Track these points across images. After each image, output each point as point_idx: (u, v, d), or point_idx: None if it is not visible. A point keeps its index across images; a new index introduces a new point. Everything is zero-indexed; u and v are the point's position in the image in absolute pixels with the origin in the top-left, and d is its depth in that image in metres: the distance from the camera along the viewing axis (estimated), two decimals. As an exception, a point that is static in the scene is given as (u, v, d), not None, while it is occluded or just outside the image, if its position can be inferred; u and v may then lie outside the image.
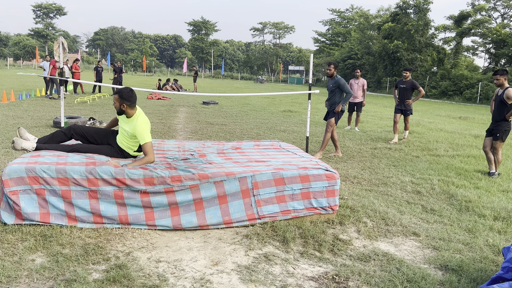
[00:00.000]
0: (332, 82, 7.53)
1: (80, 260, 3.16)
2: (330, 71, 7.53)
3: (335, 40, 69.66)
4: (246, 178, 4.02)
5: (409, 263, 3.44)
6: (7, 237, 3.44)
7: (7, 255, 3.17)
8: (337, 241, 3.83)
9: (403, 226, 4.31)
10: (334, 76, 7.54)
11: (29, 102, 14.75)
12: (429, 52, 39.28)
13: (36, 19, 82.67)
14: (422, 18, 37.93)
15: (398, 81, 10.00)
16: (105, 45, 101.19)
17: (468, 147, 9.52)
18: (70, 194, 3.74)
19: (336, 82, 7.42)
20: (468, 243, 3.94)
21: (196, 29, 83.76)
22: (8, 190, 3.65)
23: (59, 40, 5.90)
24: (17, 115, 11.13)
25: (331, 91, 7.54)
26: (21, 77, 32.04)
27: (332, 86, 7.50)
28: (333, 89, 7.49)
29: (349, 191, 5.49)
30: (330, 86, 7.55)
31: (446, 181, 6.25)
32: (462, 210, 4.98)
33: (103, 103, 16.14)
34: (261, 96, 24.92)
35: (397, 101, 9.93)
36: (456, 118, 17.64)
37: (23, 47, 76.33)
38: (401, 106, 9.83)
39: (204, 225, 3.93)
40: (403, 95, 9.75)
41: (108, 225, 3.81)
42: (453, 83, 36.52)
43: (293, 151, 5.30)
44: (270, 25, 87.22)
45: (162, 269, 3.14)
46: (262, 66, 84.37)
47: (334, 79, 7.49)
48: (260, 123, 12.27)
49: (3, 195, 3.69)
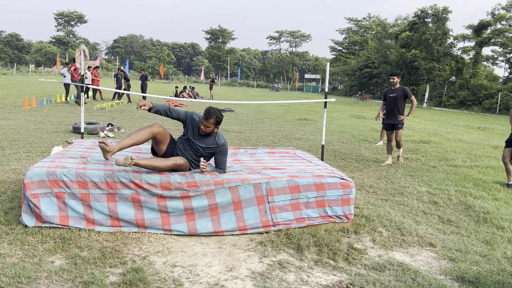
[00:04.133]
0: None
1: (98, 263, 3.22)
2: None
3: (352, 49, 69.48)
4: (261, 184, 4.05)
5: (425, 274, 3.40)
6: (28, 239, 3.53)
7: (28, 256, 3.25)
8: (352, 250, 3.82)
9: (419, 237, 4.27)
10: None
11: (49, 108, 15.08)
12: (448, 62, 38.82)
13: (58, 26, 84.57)
14: (440, 27, 37.53)
15: (386, 90, 8.23)
16: (124, 52, 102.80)
17: (487, 158, 9.38)
18: (89, 197, 3.82)
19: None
20: (486, 255, 3.88)
21: (213, 37, 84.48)
22: (30, 193, 3.75)
23: (81, 48, 6.06)
24: (38, 120, 11.39)
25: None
26: (42, 83, 32.76)
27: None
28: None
29: (365, 200, 5.46)
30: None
31: (463, 192, 6.16)
32: (479, 221, 4.91)
33: (121, 109, 16.39)
34: (277, 104, 24.96)
35: (382, 116, 8.33)
36: (475, 128, 17.38)
37: (44, 54, 78.08)
38: (392, 119, 7.98)
39: (219, 231, 3.96)
40: (394, 106, 7.93)
41: (125, 229, 3.87)
42: (472, 93, 36.02)
43: (308, 159, 5.31)
44: (286, 33, 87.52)
45: (177, 274, 3.17)
46: (278, 74, 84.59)
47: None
48: (276, 131, 12.29)
49: (25, 198, 3.79)
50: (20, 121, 11.03)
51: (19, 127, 9.98)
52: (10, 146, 7.54)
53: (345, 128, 14.25)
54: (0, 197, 4.58)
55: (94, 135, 9.86)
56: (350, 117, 19.22)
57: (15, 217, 3.98)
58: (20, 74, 54.76)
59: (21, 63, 79.60)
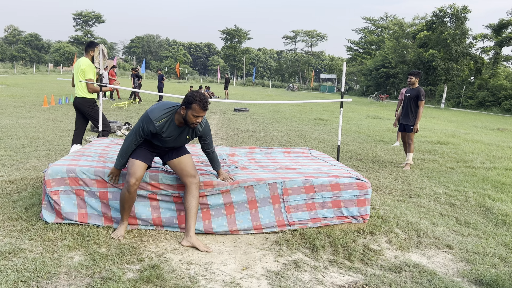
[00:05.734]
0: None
1: (116, 259, 3.27)
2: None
3: (368, 49, 68.92)
4: (276, 184, 4.06)
5: (442, 276, 3.37)
6: (48, 235, 3.61)
7: (48, 252, 3.32)
8: (368, 250, 3.80)
9: (436, 238, 4.23)
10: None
11: (68, 107, 15.33)
12: (466, 62, 38.22)
13: (76, 26, 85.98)
14: (459, 26, 36.99)
15: (404, 89, 8.22)
16: (140, 52, 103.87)
17: (506, 160, 9.21)
18: (107, 196, 3.88)
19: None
20: (504, 257, 3.82)
21: (229, 37, 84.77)
22: (50, 190, 3.83)
23: (100, 48, 6.14)
24: (57, 119, 11.60)
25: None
26: (61, 82, 33.33)
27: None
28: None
29: (381, 201, 5.43)
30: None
31: (482, 194, 6.07)
32: (498, 224, 4.83)
33: (138, 108, 16.57)
34: (292, 104, 24.92)
35: (398, 114, 8.11)
36: (494, 130, 17.07)
37: (63, 53, 79.35)
38: (404, 119, 7.86)
39: (234, 230, 3.99)
40: (408, 106, 7.80)
41: (142, 227, 3.93)
42: (491, 94, 35.36)
43: (324, 159, 5.30)
44: (302, 33, 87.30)
45: (193, 271, 3.21)
46: (294, 74, 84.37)
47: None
48: (291, 131, 12.28)
49: (45, 194, 3.88)
50: (39, 119, 11.25)
51: (39, 125, 10.18)
52: (30, 144, 7.70)
53: (361, 129, 14.15)
54: (21, 194, 4.69)
55: (111, 133, 9.99)
56: (366, 117, 19.08)
57: (35, 214, 4.07)
58: (39, 73, 55.82)
59: (40, 62, 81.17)
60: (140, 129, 3.61)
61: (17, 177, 5.37)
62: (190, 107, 3.48)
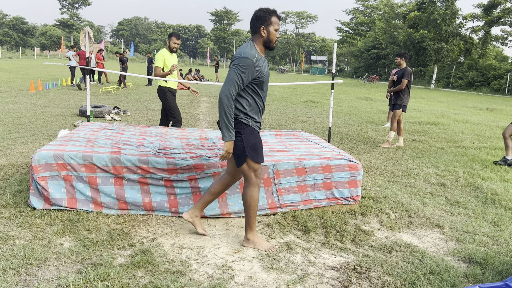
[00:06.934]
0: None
1: (106, 245, 3.24)
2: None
3: (359, 30, 68.60)
4: (267, 166, 4.04)
5: (432, 255, 3.40)
6: (37, 222, 3.56)
7: (37, 238, 3.28)
8: (359, 231, 3.82)
9: (426, 218, 4.26)
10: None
11: (55, 91, 15.09)
12: (456, 42, 38.18)
13: (62, 9, 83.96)
14: (449, 6, 36.81)
15: (395, 70, 8.57)
16: (128, 35, 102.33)
17: (495, 139, 9.29)
18: (96, 181, 3.83)
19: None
20: (494, 236, 3.87)
21: (218, 19, 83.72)
22: (37, 176, 3.77)
23: (85, 30, 6.00)
24: (44, 104, 11.41)
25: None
26: (48, 66, 32.76)
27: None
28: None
29: (372, 182, 5.44)
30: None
31: (471, 173, 6.12)
32: (487, 203, 4.88)
33: (127, 92, 16.37)
34: (283, 86, 24.81)
35: (390, 90, 8.28)
36: (483, 110, 17.19)
37: (49, 37, 77.91)
38: (393, 99, 8.18)
39: (226, 213, 3.97)
40: (395, 86, 8.10)
41: (133, 212, 3.89)
42: (481, 74, 35.54)
43: (315, 141, 5.28)
44: (292, 14, 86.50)
45: (185, 255, 3.19)
46: (284, 56, 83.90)
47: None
48: (282, 114, 12.23)
49: (33, 180, 3.81)
50: (26, 104, 11.06)
51: (26, 110, 10.01)
52: (17, 130, 7.57)
53: (352, 110, 14.15)
54: (9, 180, 4.62)
55: (100, 118, 9.87)
56: (357, 99, 19.07)
57: (23, 200, 4.01)
58: (25, 57, 54.78)
59: (26, 46, 79.56)
60: (240, 74, 3.04)
61: (4, 164, 5.28)
62: (270, 23, 3.15)
